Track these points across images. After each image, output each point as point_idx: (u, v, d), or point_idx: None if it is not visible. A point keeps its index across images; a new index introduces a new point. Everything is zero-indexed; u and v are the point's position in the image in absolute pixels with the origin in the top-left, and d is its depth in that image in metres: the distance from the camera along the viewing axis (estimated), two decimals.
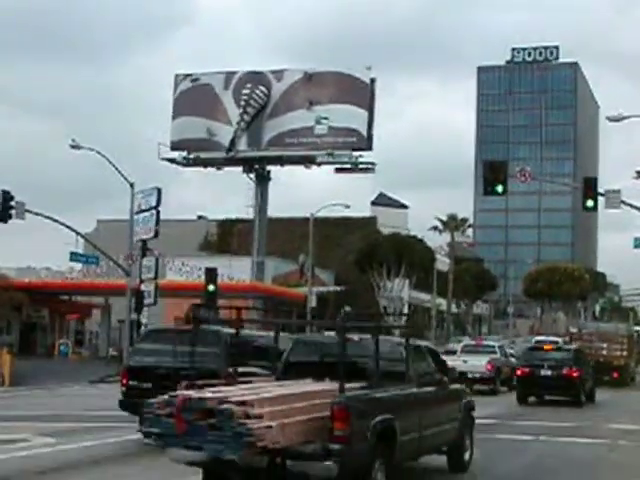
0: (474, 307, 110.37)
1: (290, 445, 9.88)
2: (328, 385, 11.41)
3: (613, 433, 20.63)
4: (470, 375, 33.91)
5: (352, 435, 10.20)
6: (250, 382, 12.39)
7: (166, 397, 10.38)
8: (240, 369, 17.20)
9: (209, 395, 10.27)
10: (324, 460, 9.98)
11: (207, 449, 9.89)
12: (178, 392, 10.61)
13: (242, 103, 70.99)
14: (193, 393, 10.49)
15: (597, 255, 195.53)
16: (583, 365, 32.21)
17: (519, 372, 32.00)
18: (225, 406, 9.77)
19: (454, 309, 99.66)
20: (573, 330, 55.78)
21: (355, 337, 11.99)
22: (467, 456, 14.72)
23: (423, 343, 15.24)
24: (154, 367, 17.38)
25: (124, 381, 17.79)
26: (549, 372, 30.81)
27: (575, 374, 30.55)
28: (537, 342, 48.32)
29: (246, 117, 70.72)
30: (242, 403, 9.78)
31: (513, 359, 40.30)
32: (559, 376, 30.49)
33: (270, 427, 9.60)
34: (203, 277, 46.41)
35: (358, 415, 10.48)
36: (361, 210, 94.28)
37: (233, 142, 70.49)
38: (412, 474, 14.07)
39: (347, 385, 10.64)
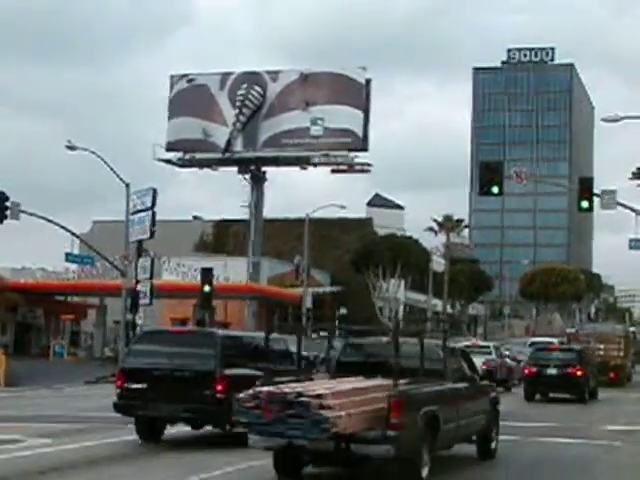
0: (470, 308, 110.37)
1: (355, 431, 11.79)
2: (381, 381, 13.22)
3: (610, 434, 20.63)
4: None
5: (405, 423, 12.10)
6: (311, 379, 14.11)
7: (251, 392, 12.33)
8: (236, 371, 17.25)
9: (288, 390, 12.17)
10: (383, 444, 11.86)
11: (289, 435, 11.78)
12: (260, 388, 12.48)
13: (238, 104, 70.93)
14: (274, 388, 12.42)
15: (592, 256, 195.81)
16: (587, 365, 33.36)
17: (527, 371, 33.26)
18: (303, 398, 11.70)
19: (449, 310, 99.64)
20: (570, 331, 56.49)
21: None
22: (494, 445, 16.35)
23: (457, 345, 16.98)
24: (149, 369, 17.33)
25: (119, 383, 17.73)
26: (555, 371, 32.36)
27: (579, 373, 31.99)
28: (533, 343, 48.47)
29: (242, 118, 70.69)
30: (317, 396, 11.67)
31: (509, 360, 40.30)
32: (564, 375, 32.00)
33: (340, 416, 11.53)
34: (199, 278, 46.39)
35: (409, 406, 12.39)
36: (357, 211, 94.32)
37: (229, 143, 70.43)
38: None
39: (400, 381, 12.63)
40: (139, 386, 17.24)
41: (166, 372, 17.15)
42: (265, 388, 12.47)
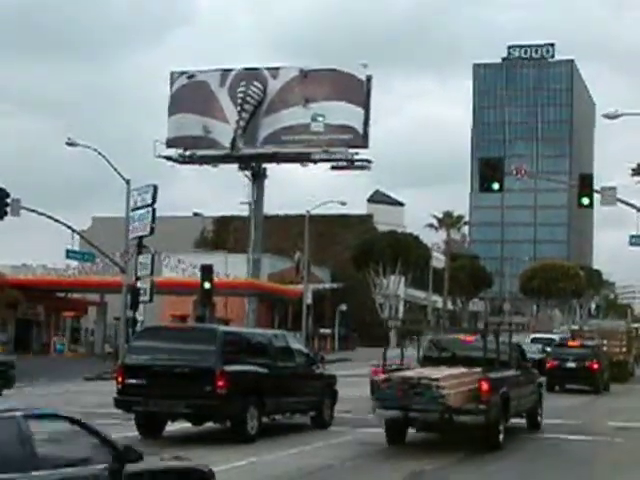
0: (470, 304, 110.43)
1: (457, 405, 15.96)
2: (465, 369, 17.27)
3: (612, 430, 20.64)
4: None
5: (491, 400, 16.45)
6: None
7: (385, 376, 16.69)
8: (236, 367, 17.26)
9: (412, 374, 16.68)
10: (476, 415, 16.17)
11: (414, 408, 16.04)
12: (392, 374, 16.81)
13: (239, 102, 70.81)
14: (403, 373, 16.91)
15: (593, 253, 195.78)
16: (601, 359, 36.27)
17: (549, 364, 35.73)
18: (425, 381, 15.98)
19: (450, 306, 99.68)
20: (575, 327, 59.64)
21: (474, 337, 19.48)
22: (539, 419, 20.71)
23: (515, 340, 21.07)
24: (150, 365, 17.33)
25: (120, 379, 17.73)
26: (574, 365, 35.14)
27: (595, 366, 35.09)
28: (534, 340, 48.87)
29: (244, 115, 70.51)
30: (434, 379, 15.95)
31: None
32: (582, 368, 34.90)
33: (450, 394, 15.74)
34: (199, 274, 46.38)
35: (493, 387, 16.61)
36: (357, 207, 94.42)
37: (235, 141, 70.08)
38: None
39: (476, 369, 16.92)
40: (140, 382, 17.26)
41: (167, 368, 17.16)
42: (396, 374, 16.90)
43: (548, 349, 41.41)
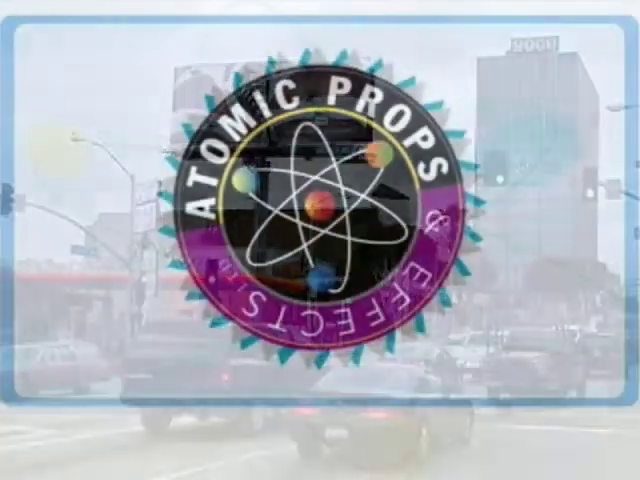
0: (474, 298, 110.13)
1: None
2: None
3: (614, 422, 20.67)
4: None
5: None
6: None
7: None
8: (242, 361, 17.28)
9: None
10: None
11: None
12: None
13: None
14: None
15: (597, 245, 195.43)
16: None
17: None
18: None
19: (454, 300, 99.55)
20: None
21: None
22: None
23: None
24: (155, 359, 17.35)
25: (125, 374, 17.75)
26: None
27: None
28: None
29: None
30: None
31: None
32: None
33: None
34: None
35: None
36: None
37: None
38: None
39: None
40: (145, 377, 17.28)
41: (172, 362, 17.17)
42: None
43: None
